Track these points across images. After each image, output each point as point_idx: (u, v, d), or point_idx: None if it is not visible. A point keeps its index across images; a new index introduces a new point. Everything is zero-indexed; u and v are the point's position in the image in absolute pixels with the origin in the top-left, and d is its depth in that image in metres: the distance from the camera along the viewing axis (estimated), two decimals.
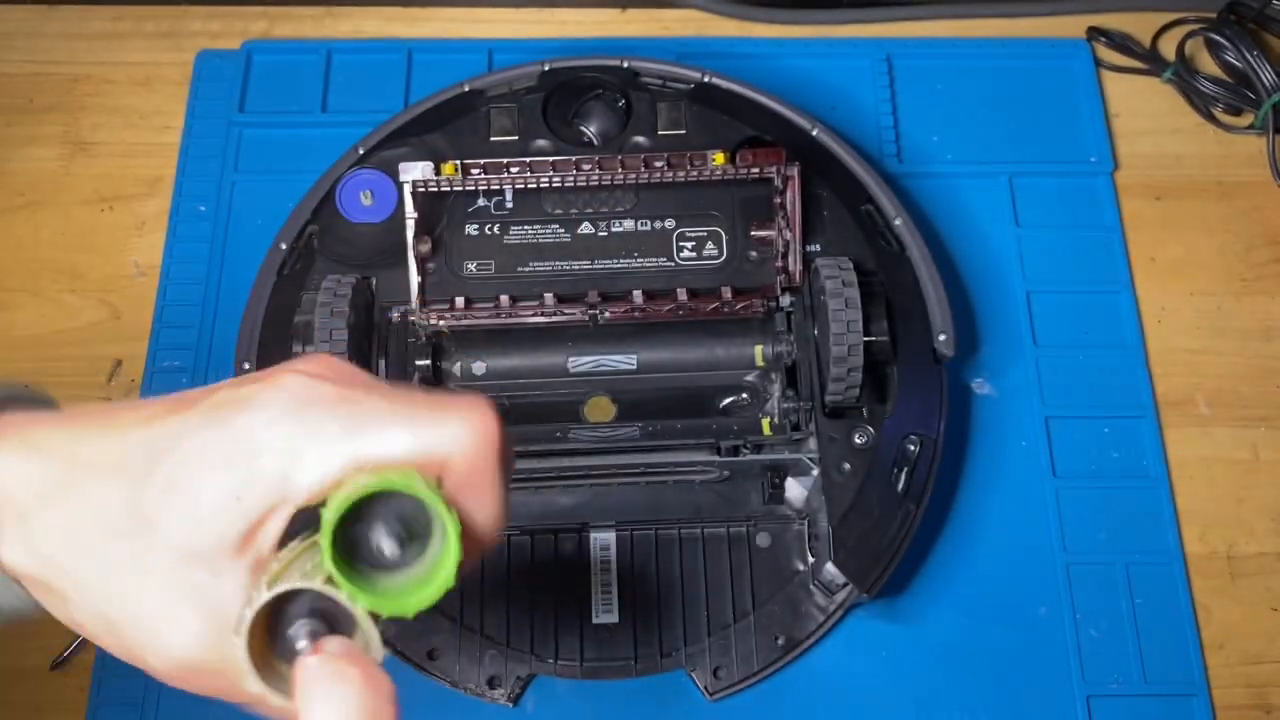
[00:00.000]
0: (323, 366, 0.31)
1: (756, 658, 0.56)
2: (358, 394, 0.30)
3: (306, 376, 0.30)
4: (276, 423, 0.29)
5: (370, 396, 0.30)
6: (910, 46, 0.74)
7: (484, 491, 0.31)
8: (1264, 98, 0.70)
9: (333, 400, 0.29)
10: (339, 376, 0.30)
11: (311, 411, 0.29)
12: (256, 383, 0.30)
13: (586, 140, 0.64)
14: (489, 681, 0.56)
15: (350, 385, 0.30)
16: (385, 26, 0.75)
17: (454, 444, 0.30)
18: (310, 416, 0.29)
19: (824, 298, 0.56)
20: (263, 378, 0.30)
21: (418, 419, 0.30)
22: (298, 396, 0.29)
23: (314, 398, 0.29)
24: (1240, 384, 0.66)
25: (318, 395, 0.29)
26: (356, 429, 0.29)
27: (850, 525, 0.54)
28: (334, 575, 0.28)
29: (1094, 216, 0.69)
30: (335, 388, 0.30)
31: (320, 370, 0.30)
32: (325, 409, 0.29)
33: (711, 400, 0.60)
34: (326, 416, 0.29)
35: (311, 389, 0.30)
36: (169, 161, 0.70)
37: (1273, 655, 0.60)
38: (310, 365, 0.31)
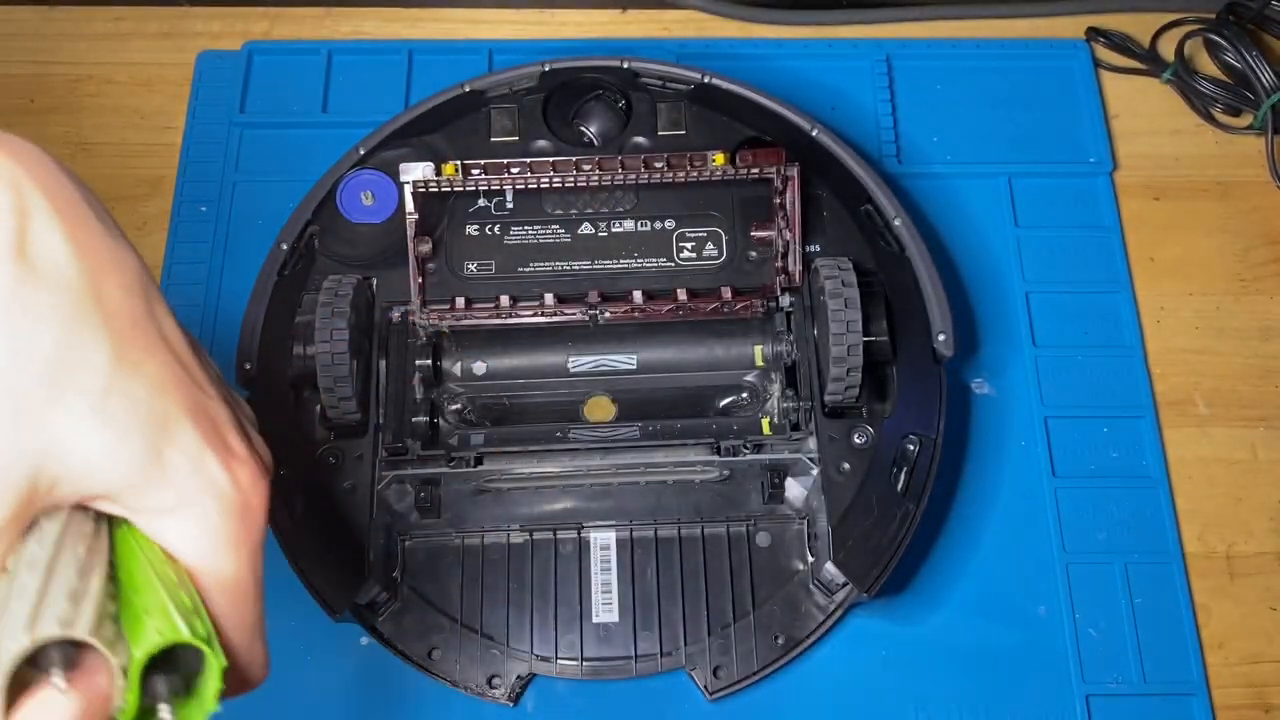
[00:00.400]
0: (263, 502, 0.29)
1: (756, 657, 0.56)
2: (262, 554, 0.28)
3: (249, 507, 0.28)
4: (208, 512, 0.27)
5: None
6: (910, 47, 0.74)
7: (230, 627, 0.28)
8: (1263, 98, 0.70)
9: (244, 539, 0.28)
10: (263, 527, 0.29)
11: (229, 527, 0.28)
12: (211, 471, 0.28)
13: (587, 141, 0.64)
14: (489, 681, 0.56)
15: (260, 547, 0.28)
16: (386, 27, 0.75)
17: (187, 549, 0.27)
18: (226, 534, 0.27)
19: (824, 298, 0.56)
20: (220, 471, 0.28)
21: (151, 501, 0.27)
22: (238, 506, 0.28)
23: (246, 521, 0.28)
24: (1239, 384, 0.66)
25: (248, 526, 0.28)
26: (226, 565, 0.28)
27: (850, 525, 0.54)
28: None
29: (1093, 217, 0.69)
30: (260, 538, 0.28)
31: (264, 502, 0.29)
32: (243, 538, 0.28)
33: (711, 400, 0.60)
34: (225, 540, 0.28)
35: (249, 516, 0.28)
36: (170, 162, 0.70)
37: (1272, 655, 0.60)
38: (262, 490, 0.29)
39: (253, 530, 0.28)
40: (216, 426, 0.28)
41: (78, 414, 0.25)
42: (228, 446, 0.28)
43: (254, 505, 0.28)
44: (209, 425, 0.27)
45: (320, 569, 0.53)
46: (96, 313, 0.26)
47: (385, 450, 0.56)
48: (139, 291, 0.27)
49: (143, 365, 0.26)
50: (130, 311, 0.27)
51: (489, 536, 0.58)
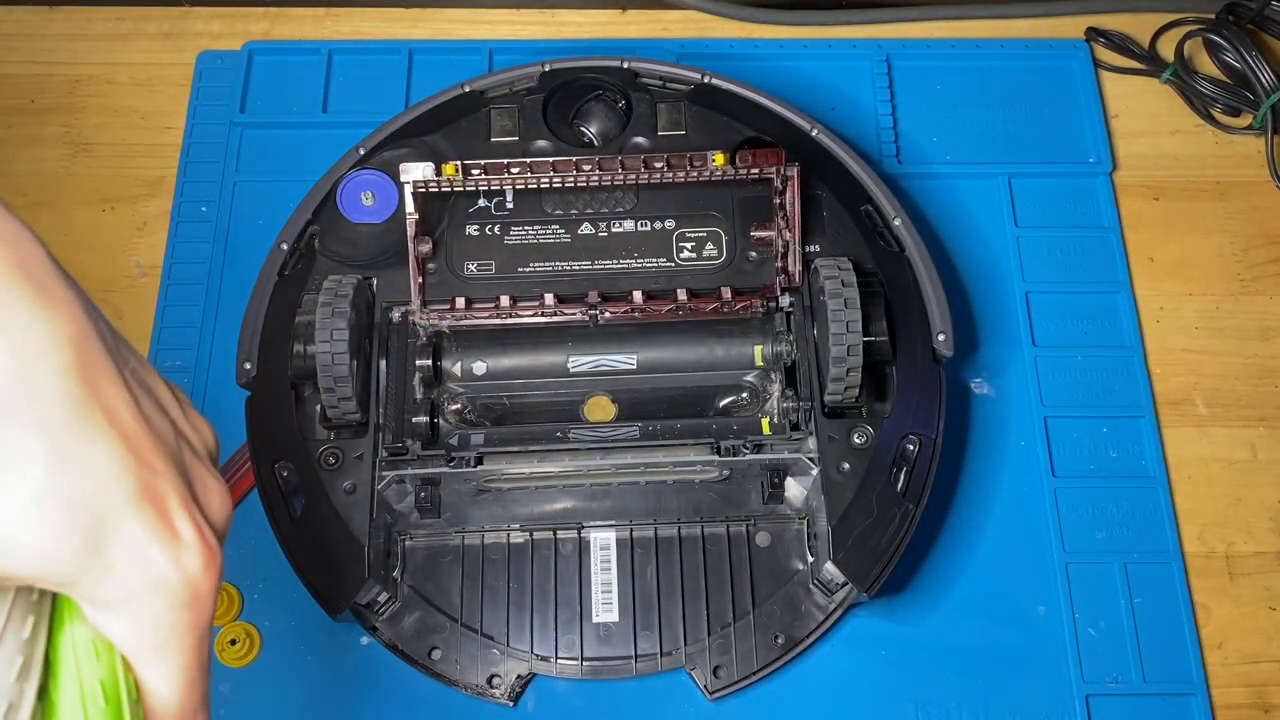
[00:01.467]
0: (212, 594, 0.27)
1: (756, 657, 0.56)
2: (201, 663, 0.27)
3: (198, 602, 0.27)
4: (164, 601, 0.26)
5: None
6: (909, 47, 0.74)
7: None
8: (1263, 98, 0.70)
9: (187, 637, 0.27)
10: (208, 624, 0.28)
11: (174, 627, 0.27)
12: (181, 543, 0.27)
13: (587, 141, 0.64)
14: (489, 681, 0.56)
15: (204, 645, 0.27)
16: (386, 27, 0.75)
17: (129, 644, 0.27)
18: (170, 628, 0.26)
19: (823, 298, 0.56)
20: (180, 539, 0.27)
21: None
22: (182, 601, 0.27)
23: (186, 618, 0.27)
24: (1238, 384, 0.66)
25: (191, 620, 0.27)
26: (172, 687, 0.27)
27: (849, 525, 0.54)
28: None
29: (1093, 217, 0.69)
30: (203, 635, 0.27)
31: (213, 592, 0.27)
32: (186, 638, 0.27)
33: (711, 400, 0.60)
34: (175, 643, 0.27)
35: (194, 612, 0.27)
36: (170, 162, 0.70)
37: (1271, 654, 0.60)
38: (215, 574, 0.27)
39: (200, 619, 0.27)
40: (164, 510, 0.26)
41: (13, 514, 0.24)
42: (175, 533, 0.26)
43: (202, 593, 0.27)
44: (156, 511, 0.26)
45: (320, 569, 0.53)
46: (25, 409, 0.24)
47: (385, 450, 0.56)
48: (77, 366, 0.25)
49: (81, 458, 0.25)
50: (66, 397, 0.25)
51: (489, 536, 0.58)
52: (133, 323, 0.66)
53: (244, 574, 0.59)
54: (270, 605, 0.59)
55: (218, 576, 0.27)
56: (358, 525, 0.54)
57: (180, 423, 0.29)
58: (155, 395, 0.28)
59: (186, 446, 0.28)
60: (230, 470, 0.61)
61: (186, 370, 0.64)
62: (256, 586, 0.59)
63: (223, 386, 0.63)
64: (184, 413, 0.30)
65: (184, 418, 0.29)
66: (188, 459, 0.28)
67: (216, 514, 0.28)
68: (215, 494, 0.29)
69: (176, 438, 0.28)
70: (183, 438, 0.28)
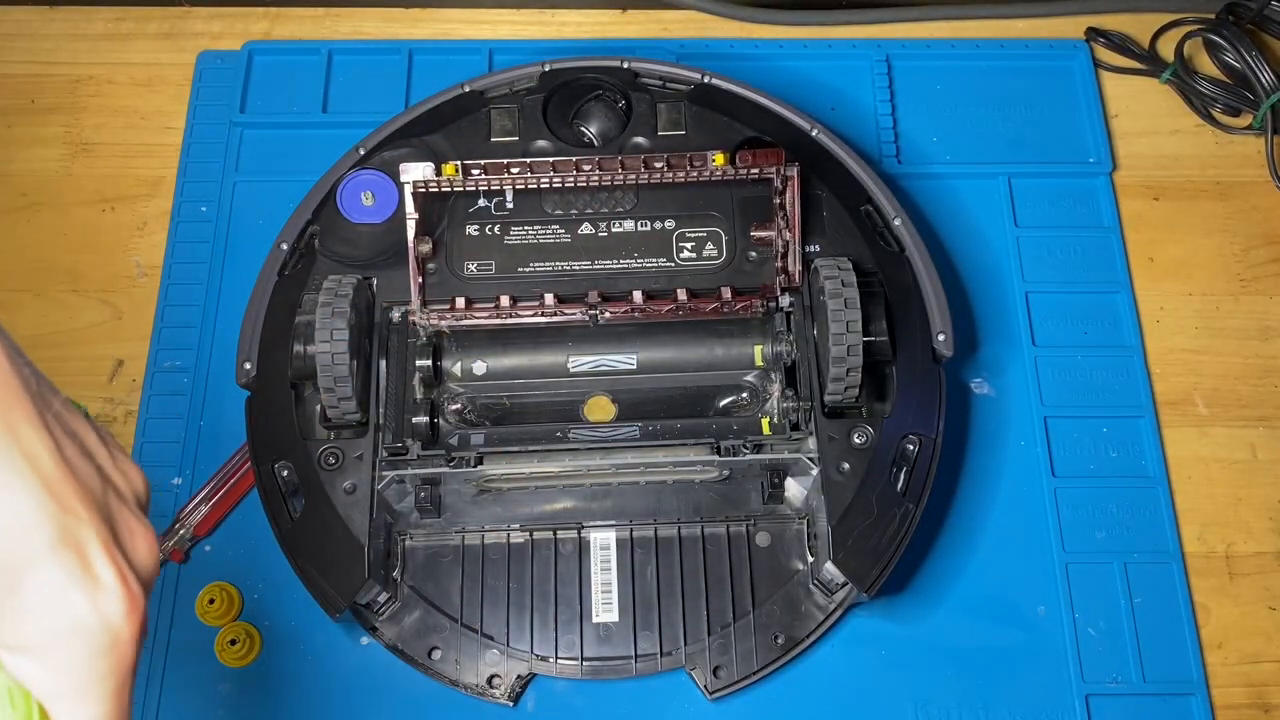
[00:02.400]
0: (137, 637, 0.28)
1: (756, 657, 0.56)
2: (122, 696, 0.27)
3: (120, 654, 0.27)
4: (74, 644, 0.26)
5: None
6: (909, 47, 0.74)
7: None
8: (1262, 98, 0.70)
9: (107, 677, 0.27)
10: (131, 668, 0.28)
11: (93, 669, 0.26)
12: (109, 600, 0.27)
13: (587, 141, 0.64)
14: (489, 681, 0.56)
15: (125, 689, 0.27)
16: (385, 27, 0.75)
17: (46, 690, 0.26)
18: (85, 671, 0.26)
19: (823, 298, 0.56)
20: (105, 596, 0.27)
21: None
22: (105, 646, 0.27)
23: (108, 663, 0.26)
24: (1238, 384, 0.66)
25: (112, 665, 0.27)
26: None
27: (849, 525, 0.54)
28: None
29: (1092, 217, 0.69)
30: (123, 678, 0.27)
31: (137, 639, 0.28)
32: (105, 678, 0.27)
33: (711, 400, 0.60)
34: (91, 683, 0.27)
35: (115, 658, 0.27)
36: (170, 162, 0.70)
37: (1271, 654, 0.60)
38: (138, 627, 0.28)
39: (120, 664, 0.27)
40: (84, 555, 0.26)
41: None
42: (96, 578, 0.26)
43: (123, 638, 0.27)
44: (76, 556, 0.26)
45: (320, 569, 0.53)
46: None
47: (385, 450, 0.56)
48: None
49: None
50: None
51: (489, 536, 0.58)
52: (133, 323, 0.66)
53: (244, 574, 0.59)
54: (270, 605, 0.59)
55: (140, 623, 0.27)
56: (358, 525, 0.54)
57: (107, 468, 0.29)
58: (81, 440, 0.28)
59: (113, 492, 0.28)
60: (230, 471, 0.61)
61: (186, 370, 0.64)
62: (256, 586, 0.59)
63: (223, 386, 0.63)
64: (112, 458, 0.29)
65: (112, 463, 0.29)
66: (113, 504, 0.28)
67: (143, 560, 0.28)
68: (141, 539, 0.28)
69: (102, 483, 0.28)
70: (109, 483, 0.28)
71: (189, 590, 0.59)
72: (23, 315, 0.66)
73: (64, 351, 0.65)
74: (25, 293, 0.67)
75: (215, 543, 0.60)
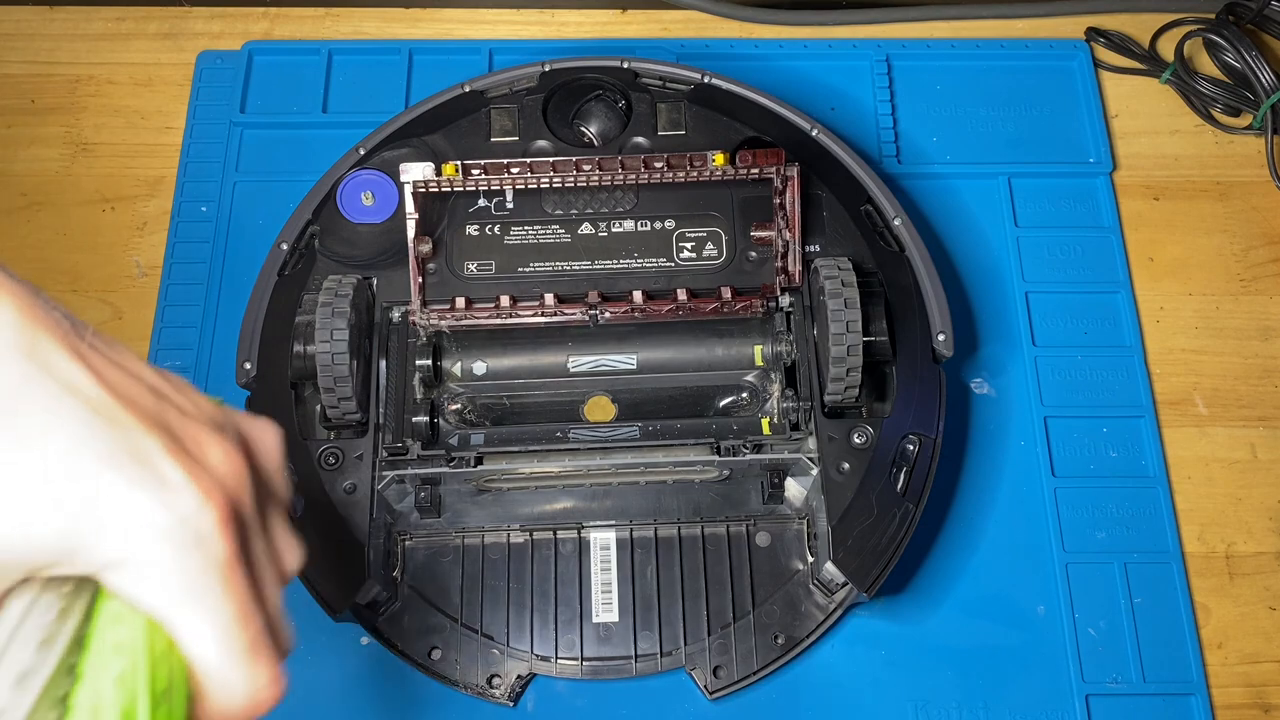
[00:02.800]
0: (238, 511, 0.28)
1: (756, 657, 0.56)
2: (234, 578, 0.27)
3: (222, 521, 0.27)
4: (155, 537, 0.26)
5: (235, 591, 0.27)
6: (909, 47, 0.74)
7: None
8: (1262, 98, 0.70)
9: (209, 568, 0.27)
10: (241, 535, 0.28)
11: (185, 560, 0.27)
12: (187, 472, 0.27)
13: (587, 141, 0.64)
14: (489, 681, 0.56)
15: (238, 559, 0.27)
16: (385, 27, 0.75)
17: (229, 697, 0.27)
18: (177, 563, 0.26)
19: (823, 298, 0.56)
20: (200, 466, 0.27)
21: (235, 655, 0.27)
22: (194, 536, 0.27)
23: (204, 550, 0.27)
24: (1238, 384, 0.66)
25: (209, 552, 0.27)
26: (193, 612, 0.27)
27: (849, 525, 0.54)
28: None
29: (1092, 217, 0.69)
30: (227, 554, 0.27)
31: (235, 515, 0.28)
32: (197, 570, 0.27)
33: (711, 400, 0.60)
34: (187, 576, 0.27)
35: (211, 541, 0.27)
36: (170, 162, 0.70)
37: (1271, 654, 0.60)
38: (239, 495, 0.28)
39: (214, 559, 0.27)
40: (145, 461, 0.26)
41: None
42: (162, 479, 0.26)
43: (207, 533, 0.27)
44: (134, 463, 0.26)
45: (320, 569, 0.53)
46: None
47: (385, 450, 0.56)
48: (21, 347, 0.26)
49: (39, 437, 0.25)
50: (12, 380, 0.25)
51: (489, 536, 0.58)
52: (133, 323, 0.66)
53: None
54: None
55: (223, 512, 0.27)
56: (358, 525, 0.54)
57: (163, 388, 0.29)
58: (124, 365, 0.28)
59: (172, 408, 0.28)
60: None
61: (187, 370, 0.64)
62: None
63: (223, 387, 0.63)
64: (169, 384, 0.29)
65: (167, 384, 0.29)
66: (173, 418, 0.28)
67: (217, 463, 0.28)
68: (213, 446, 0.28)
69: (156, 399, 0.28)
70: (165, 400, 0.28)
71: None
72: None
73: None
74: None
75: None
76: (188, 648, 0.27)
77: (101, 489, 0.26)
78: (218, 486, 0.27)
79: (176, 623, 0.27)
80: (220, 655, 0.27)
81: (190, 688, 0.27)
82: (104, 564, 0.26)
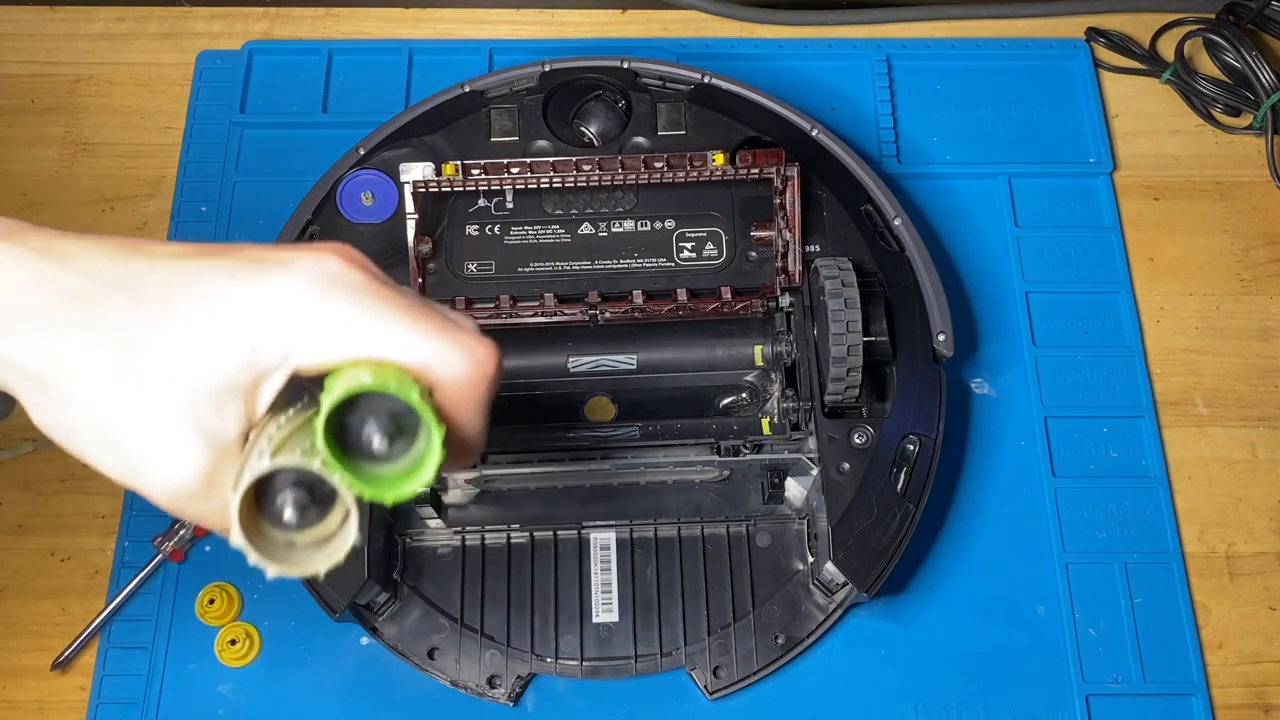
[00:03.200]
0: (357, 257, 0.32)
1: (756, 657, 0.56)
2: (385, 291, 0.31)
3: (342, 260, 0.31)
4: (307, 292, 0.30)
5: (395, 296, 0.31)
6: (909, 47, 0.74)
7: (468, 415, 0.32)
8: (1263, 98, 0.70)
9: (361, 289, 0.31)
10: (369, 270, 0.32)
11: (340, 293, 0.30)
12: (295, 251, 0.31)
13: (587, 141, 0.64)
14: (489, 681, 0.56)
15: (378, 280, 0.31)
16: (386, 27, 0.75)
17: (455, 368, 0.31)
18: (338, 298, 0.30)
19: (824, 298, 0.56)
20: (301, 249, 0.31)
21: (431, 334, 0.31)
22: (330, 275, 0.31)
23: (346, 281, 0.31)
24: (1239, 384, 0.66)
25: (349, 280, 0.31)
26: (376, 324, 0.31)
27: (849, 525, 0.54)
28: (327, 458, 0.30)
29: (1093, 217, 0.69)
30: (366, 279, 0.31)
31: (355, 259, 0.32)
32: (352, 295, 0.31)
33: (711, 400, 0.60)
34: (352, 302, 0.31)
35: (345, 273, 0.31)
36: (170, 162, 0.70)
37: (1271, 654, 0.60)
38: (346, 252, 0.32)
39: (353, 284, 0.31)
40: (448, 318, 0.32)
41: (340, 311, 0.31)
42: (460, 324, 0.32)
43: (489, 370, 0.32)
44: (441, 320, 0.32)
45: None
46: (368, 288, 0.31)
47: None
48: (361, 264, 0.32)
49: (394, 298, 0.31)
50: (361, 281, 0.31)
51: (489, 536, 0.58)
52: None
53: (244, 574, 0.59)
54: (270, 605, 0.59)
55: (497, 365, 0.32)
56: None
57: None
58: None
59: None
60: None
61: None
62: (256, 587, 0.59)
63: None
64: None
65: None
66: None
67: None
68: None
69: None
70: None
71: (189, 590, 0.59)
72: None
73: None
74: None
75: (215, 542, 0.60)
76: (399, 356, 0.31)
77: (429, 310, 0.32)
78: (492, 349, 0.32)
79: (373, 345, 0.30)
80: (422, 343, 0.31)
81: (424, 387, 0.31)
82: (440, 375, 0.31)
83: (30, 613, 0.59)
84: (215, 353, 0.30)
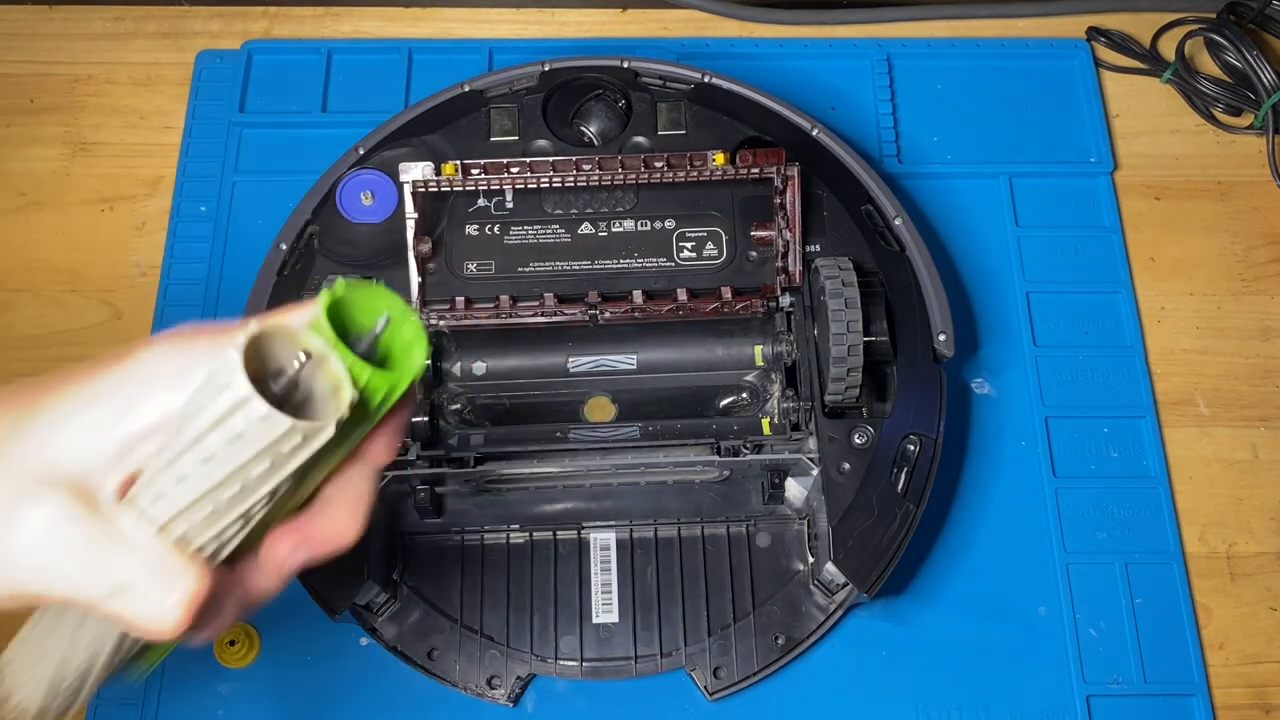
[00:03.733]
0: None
1: (756, 657, 0.56)
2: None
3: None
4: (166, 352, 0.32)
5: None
6: (910, 47, 0.74)
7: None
8: (1264, 98, 0.70)
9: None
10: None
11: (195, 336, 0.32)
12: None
13: (587, 140, 0.64)
14: (489, 681, 0.56)
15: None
16: (385, 26, 0.75)
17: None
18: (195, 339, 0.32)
19: (824, 298, 0.56)
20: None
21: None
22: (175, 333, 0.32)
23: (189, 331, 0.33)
24: (1240, 384, 0.66)
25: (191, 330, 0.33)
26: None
27: (850, 525, 0.54)
28: (323, 327, 0.31)
29: (1093, 217, 0.69)
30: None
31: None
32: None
33: (711, 400, 0.60)
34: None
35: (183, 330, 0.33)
36: (170, 162, 0.70)
37: (1272, 655, 0.60)
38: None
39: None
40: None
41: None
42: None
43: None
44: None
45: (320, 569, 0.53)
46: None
47: None
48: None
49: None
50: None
51: (489, 536, 0.58)
52: (133, 323, 0.66)
53: None
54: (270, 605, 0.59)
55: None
56: None
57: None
58: None
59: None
60: None
61: None
62: None
63: None
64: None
65: None
66: None
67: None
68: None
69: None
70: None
71: None
72: (21, 315, 0.66)
73: (63, 352, 0.65)
74: (24, 293, 0.67)
75: None
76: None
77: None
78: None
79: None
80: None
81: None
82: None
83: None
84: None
